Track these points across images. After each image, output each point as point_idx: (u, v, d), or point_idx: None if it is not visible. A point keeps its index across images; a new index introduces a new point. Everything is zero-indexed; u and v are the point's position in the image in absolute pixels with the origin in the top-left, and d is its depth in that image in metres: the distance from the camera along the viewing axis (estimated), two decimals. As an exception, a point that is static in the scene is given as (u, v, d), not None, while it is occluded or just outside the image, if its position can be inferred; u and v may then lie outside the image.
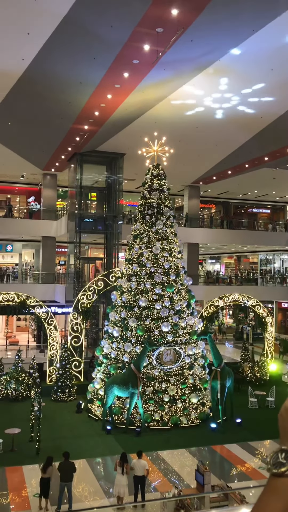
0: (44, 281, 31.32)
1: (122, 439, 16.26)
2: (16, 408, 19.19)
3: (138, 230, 20.08)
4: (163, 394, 17.78)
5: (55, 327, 22.03)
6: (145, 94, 18.66)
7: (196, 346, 19.16)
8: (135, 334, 18.42)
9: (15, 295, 21.49)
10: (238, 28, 13.71)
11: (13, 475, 13.57)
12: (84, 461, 14.44)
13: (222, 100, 19.17)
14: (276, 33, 13.79)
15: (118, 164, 27.95)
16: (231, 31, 13.90)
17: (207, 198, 41.08)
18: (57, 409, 19.37)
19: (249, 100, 19.05)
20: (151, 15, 12.98)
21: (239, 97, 18.84)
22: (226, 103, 19.51)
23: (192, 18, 13.15)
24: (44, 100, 19.67)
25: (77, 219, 27.41)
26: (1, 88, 18.84)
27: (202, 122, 21.57)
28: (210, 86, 17.92)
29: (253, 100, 19.05)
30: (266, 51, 14.99)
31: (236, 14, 12.99)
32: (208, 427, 17.50)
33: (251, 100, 19.05)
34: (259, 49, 14.89)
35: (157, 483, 13.31)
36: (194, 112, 20.50)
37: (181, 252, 20.51)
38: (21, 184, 37.25)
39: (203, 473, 11.56)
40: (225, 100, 19.20)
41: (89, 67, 16.38)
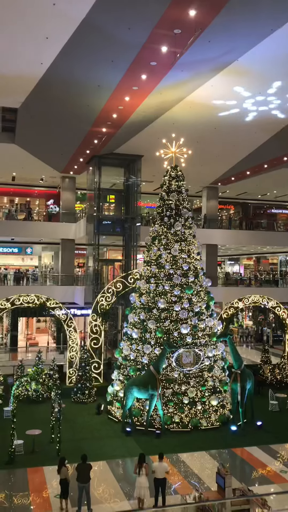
0: (64, 283, 31.56)
1: (142, 441, 16.24)
2: (37, 410, 19.34)
3: (157, 231, 20.07)
4: (183, 396, 17.71)
5: (75, 328, 22.16)
6: (163, 95, 18.66)
7: (216, 348, 19.04)
8: (154, 336, 18.39)
9: (35, 297, 21.68)
10: (256, 28, 13.62)
11: (34, 476, 13.67)
12: (104, 463, 14.46)
13: (240, 100, 19.05)
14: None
15: (136, 166, 28.00)
16: (249, 31, 13.82)
17: (226, 199, 40.87)
18: (77, 411, 19.45)
19: (268, 100, 18.89)
20: (169, 17, 12.99)
21: (258, 97, 18.69)
22: (244, 103, 19.38)
23: (209, 18, 13.11)
24: (63, 104, 19.84)
25: (96, 222, 27.55)
26: (20, 92, 19.07)
27: (220, 122, 21.46)
28: (228, 86, 17.83)
29: (272, 100, 18.88)
30: (284, 50, 14.84)
31: (254, 13, 12.91)
32: (229, 430, 17.37)
33: (270, 100, 18.88)
34: (278, 48, 14.76)
35: (178, 486, 13.25)
36: (212, 112, 20.42)
37: (199, 254, 20.43)
38: (40, 187, 37.64)
39: (224, 476, 11.47)
40: (243, 100, 19.08)
41: (107, 70, 16.47)
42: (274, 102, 19.08)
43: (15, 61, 16.18)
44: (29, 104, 20.38)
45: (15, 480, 13.59)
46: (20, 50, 15.36)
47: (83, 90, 18.26)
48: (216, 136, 23.42)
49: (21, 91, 18.98)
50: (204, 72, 16.67)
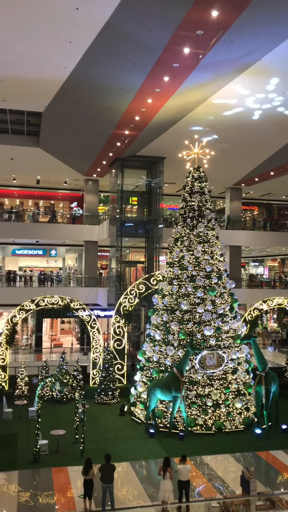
0: (87, 284, 31.80)
1: (165, 443, 16.21)
2: (61, 410, 19.52)
3: (179, 233, 20.03)
4: (207, 399, 17.61)
5: (98, 330, 22.28)
6: (186, 97, 18.65)
7: (240, 350, 18.87)
8: (177, 338, 18.35)
9: (59, 298, 21.90)
10: (279, 27, 13.50)
11: (59, 475, 13.79)
12: (127, 464, 14.49)
13: (263, 100, 18.89)
14: None
15: (159, 167, 28.04)
16: (273, 30, 13.70)
17: (250, 200, 40.51)
18: (100, 412, 19.55)
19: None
20: (191, 18, 12.98)
21: (282, 97, 18.50)
22: (268, 103, 19.21)
23: (232, 19, 13.05)
24: (86, 107, 20.03)
25: (118, 224, 27.68)
26: (45, 96, 19.35)
27: (243, 123, 21.33)
28: (251, 86, 17.70)
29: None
30: (309, 48, 14.65)
31: (277, 12, 12.79)
32: (253, 433, 17.18)
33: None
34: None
35: (201, 488, 13.18)
36: (234, 113, 20.30)
37: (223, 255, 20.29)
38: (64, 190, 38.06)
39: (248, 479, 11.36)
40: (267, 100, 18.91)
41: (130, 72, 16.55)
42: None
43: (39, 65, 16.43)
44: (53, 108, 20.65)
45: (40, 480, 13.74)
46: (44, 54, 15.60)
47: (106, 93, 18.40)
48: (239, 136, 23.25)
49: (45, 95, 19.25)
50: (226, 73, 16.59)
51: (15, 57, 15.87)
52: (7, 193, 38.30)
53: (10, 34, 14.31)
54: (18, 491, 12.85)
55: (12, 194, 38.51)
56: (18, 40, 14.67)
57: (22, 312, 21.62)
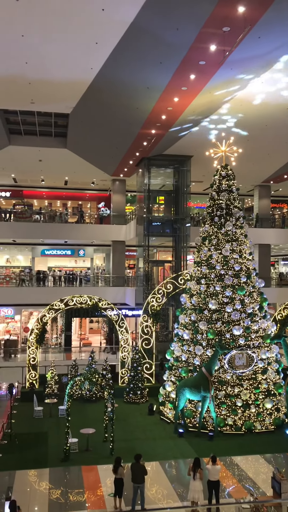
0: (115, 284, 31.95)
1: (194, 443, 16.14)
2: (90, 409, 19.68)
3: (207, 232, 19.89)
4: (236, 399, 17.43)
5: (126, 329, 22.37)
6: (212, 94, 18.51)
7: (270, 350, 18.61)
8: (206, 337, 18.23)
9: (88, 297, 22.09)
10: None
11: (89, 474, 13.91)
12: (157, 464, 14.48)
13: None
14: None
15: (186, 166, 27.92)
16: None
17: (279, 198, 39.88)
18: (129, 411, 19.62)
19: None
20: (217, 15, 12.87)
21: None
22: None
23: (259, 14, 12.87)
24: (112, 107, 20.12)
25: (146, 223, 27.70)
26: (72, 97, 19.54)
27: (271, 119, 21.01)
28: (279, 82, 17.42)
29: None
30: None
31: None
32: (284, 434, 16.92)
33: None
34: None
35: (232, 489, 13.05)
36: (263, 110, 20.00)
37: (252, 254, 20.04)
38: (92, 191, 38.35)
39: (279, 481, 11.19)
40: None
41: (156, 71, 16.54)
42: None
43: (66, 67, 16.61)
44: (80, 109, 20.83)
45: (70, 478, 13.89)
46: (70, 56, 15.75)
47: (132, 92, 18.44)
48: (268, 133, 22.93)
49: (72, 96, 19.44)
50: (254, 69, 16.39)
51: (42, 60, 16.08)
52: (36, 194, 38.87)
53: (36, 37, 14.51)
54: (49, 489, 13.02)
55: (41, 195, 39.05)
56: (44, 43, 14.86)
57: (52, 311, 21.90)
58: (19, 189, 37.64)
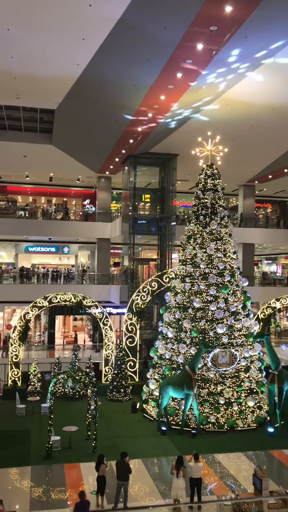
0: (100, 282, 31.85)
1: (177, 441, 16.20)
2: (73, 407, 19.62)
3: (192, 230, 19.96)
4: (219, 397, 17.55)
5: (110, 327, 22.33)
6: (199, 93, 18.54)
7: (253, 348, 18.76)
8: (190, 335, 18.30)
9: (72, 295, 21.99)
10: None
11: (71, 472, 13.86)
12: (139, 461, 14.50)
13: (278, 96, 18.68)
14: None
15: (172, 165, 27.95)
16: (287, 26, 13.51)
17: (263, 197, 40.20)
18: (112, 409, 19.60)
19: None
20: (205, 14, 12.88)
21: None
22: (282, 100, 18.98)
23: (246, 14, 12.92)
24: (99, 104, 20.02)
25: (131, 221, 27.67)
26: (57, 93, 19.39)
27: (257, 119, 21.13)
28: (265, 83, 17.52)
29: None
30: None
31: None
32: (266, 431, 17.08)
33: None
34: None
35: (213, 486, 13.14)
36: (248, 110, 20.11)
37: (236, 253, 20.17)
38: (77, 187, 38.15)
39: (260, 478, 11.31)
40: (281, 97, 18.69)
41: (143, 69, 16.50)
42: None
43: (52, 63, 16.46)
44: (66, 105, 20.68)
45: (52, 476, 13.82)
46: (57, 52, 15.62)
47: (119, 90, 18.37)
48: (253, 133, 23.06)
49: (58, 92, 19.29)
50: (240, 69, 16.44)
51: (28, 55, 15.92)
52: (20, 190, 38.53)
53: (22, 31, 14.35)
54: (31, 487, 12.95)
55: (25, 191, 38.72)
56: (30, 37, 14.71)
57: (35, 309, 21.75)
58: (3, 184, 37.28)
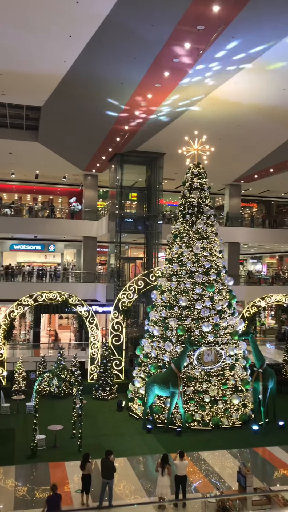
0: (86, 280, 31.76)
1: (162, 439, 16.25)
2: (59, 405, 19.54)
3: (178, 229, 20.01)
4: (204, 395, 17.64)
5: (96, 325, 22.28)
6: (186, 92, 18.58)
7: (238, 346, 18.90)
8: (176, 334, 18.36)
9: (58, 294, 21.88)
10: (281, 23, 13.41)
11: (56, 470, 13.81)
12: (125, 459, 14.51)
13: (265, 97, 18.81)
14: None
15: (158, 163, 27.97)
16: (274, 26, 13.62)
17: (249, 197, 40.47)
18: (98, 407, 19.58)
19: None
20: (192, 13, 12.90)
21: (281, 94, 18.42)
22: (268, 100, 19.13)
23: (233, 14, 12.98)
24: (86, 101, 19.94)
25: (118, 219, 27.63)
26: (44, 90, 19.26)
27: (243, 119, 21.26)
28: (252, 83, 17.63)
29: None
30: (310, 44, 14.59)
31: (280, 8, 12.71)
32: (250, 429, 17.23)
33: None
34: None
35: (198, 484, 13.21)
36: (235, 109, 20.22)
37: (222, 252, 20.28)
38: (63, 185, 37.95)
39: (245, 475, 11.39)
40: (267, 97, 18.84)
41: (130, 67, 16.47)
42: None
43: (38, 59, 16.34)
44: (52, 103, 20.55)
45: (37, 474, 13.76)
46: (43, 48, 15.51)
47: (106, 88, 18.32)
48: (239, 133, 23.19)
49: (45, 89, 19.16)
50: (227, 69, 16.51)
51: (15, 51, 15.78)
52: (6, 187, 38.19)
53: (8, 27, 14.21)
54: (15, 486, 12.88)
55: (11, 188, 38.40)
56: (18, 34, 14.57)
57: (20, 307, 21.59)
58: (-12, 182, 36.92)
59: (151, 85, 17.85)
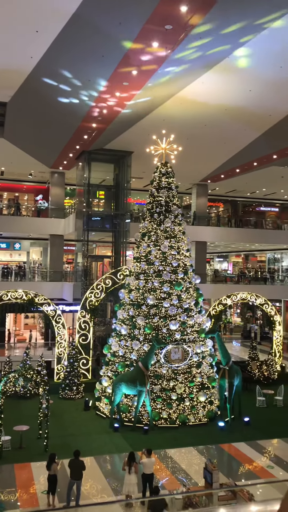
0: (52, 279, 31.41)
1: (129, 437, 16.26)
2: (24, 406, 19.26)
3: (146, 228, 20.06)
4: (171, 392, 17.76)
5: (63, 325, 22.07)
6: (154, 91, 18.62)
7: (204, 344, 19.12)
8: (143, 332, 18.41)
9: (23, 292, 21.55)
10: (247, 25, 13.62)
11: (22, 472, 13.62)
12: (92, 459, 14.45)
13: (231, 97, 19.06)
14: (286, 30, 13.68)
15: (126, 162, 27.93)
16: (241, 28, 13.81)
17: (215, 197, 40.98)
18: (65, 407, 19.42)
19: (258, 98, 18.92)
20: (160, 12, 12.93)
21: (248, 95, 18.72)
22: (235, 101, 19.40)
23: (201, 14, 13.08)
24: (53, 98, 19.68)
25: (85, 217, 27.44)
26: (10, 86, 18.90)
27: (210, 120, 21.48)
28: (219, 83, 17.83)
29: (262, 98, 18.92)
30: (275, 48, 14.88)
31: (246, 10, 12.90)
32: (216, 426, 17.47)
33: (260, 98, 18.92)
34: (269, 46, 14.79)
35: (165, 481, 13.30)
36: (202, 109, 20.41)
37: (189, 251, 20.46)
38: (29, 182, 37.36)
39: (211, 471, 11.54)
40: (234, 98, 19.10)
41: (98, 64, 16.37)
42: (263, 100, 19.12)
43: (4, 54, 16.02)
44: (18, 98, 20.19)
45: (1, 476, 13.52)
46: (9, 43, 15.21)
47: (74, 85, 18.14)
48: (206, 133, 23.42)
49: (10, 85, 18.80)
50: (195, 69, 16.65)
51: (-20, 44, 15.41)
52: None
53: (-26, 20, 13.87)
54: (-20, 489, 12.61)
55: (-25, 185, 37.56)
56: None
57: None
58: None
59: (119, 83, 17.80)
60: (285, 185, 35.57)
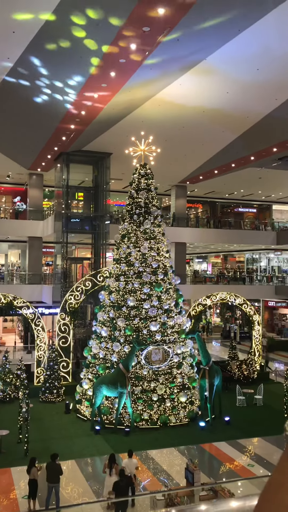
0: (31, 281, 31.12)
1: (111, 439, 16.21)
2: (4, 410, 19.02)
3: (126, 229, 20.05)
4: (152, 394, 17.77)
5: (43, 328, 21.88)
6: (132, 93, 18.64)
7: (185, 345, 19.19)
8: (124, 334, 18.38)
9: (2, 296, 21.29)
10: (224, 28, 13.76)
11: (1, 477, 13.44)
12: (73, 462, 14.36)
13: (209, 99, 19.22)
14: (262, 32, 13.87)
15: (105, 163, 27.88)
16: (218, 31, 13.94)
17: (194, 198, 41.24)
18: (45, 410, 19.24)
19: (235, 100, 19.13)
20: (137, 14, 12.96)
21: (225, 97, 18.90)
22: (213, 103, 19.56)
23: (178, 17, 13.16)
24: (30, 99, 19.52)
25: (64, 219, 27.28)
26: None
27: (188, 121, 21.61)
28: (197, 85, 17.96)
29: (239, 100, 19.14)
30: (252, 50, 15.07)
31: (222, 13, 13.03)
32: (197, 426, 17.54)
33: (237, 100, 19.13)
34: (245, 49, 14.96)
35: (147, 482, 13.29)
36: (180, 111, 20.52)
37: (169, 252, 20.53)
38: (7, 184, 36.96)
39: (192, 471, 11.58)
40: (211, 100, 19.26)
41: (76, 66, 16.30)
42: (240, 102, 19.34)
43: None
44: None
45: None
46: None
47: (52, 86, 18.03)
48: (184, 135, 23.56)
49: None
50: (172, 71, 16.73)
51: None
52: None
53: None
54: None
55: None
56: None
57: None
58: None
59: (97, 84, 17.76)
60: (262, 186, 36.03)
